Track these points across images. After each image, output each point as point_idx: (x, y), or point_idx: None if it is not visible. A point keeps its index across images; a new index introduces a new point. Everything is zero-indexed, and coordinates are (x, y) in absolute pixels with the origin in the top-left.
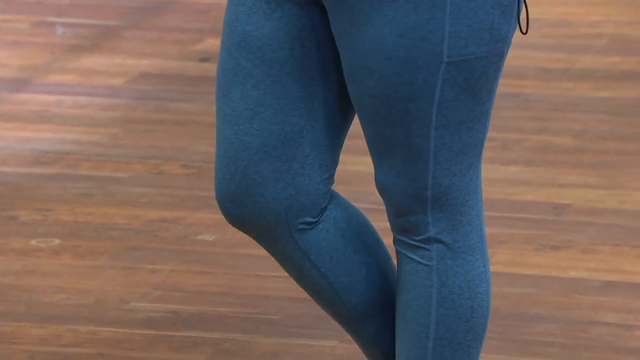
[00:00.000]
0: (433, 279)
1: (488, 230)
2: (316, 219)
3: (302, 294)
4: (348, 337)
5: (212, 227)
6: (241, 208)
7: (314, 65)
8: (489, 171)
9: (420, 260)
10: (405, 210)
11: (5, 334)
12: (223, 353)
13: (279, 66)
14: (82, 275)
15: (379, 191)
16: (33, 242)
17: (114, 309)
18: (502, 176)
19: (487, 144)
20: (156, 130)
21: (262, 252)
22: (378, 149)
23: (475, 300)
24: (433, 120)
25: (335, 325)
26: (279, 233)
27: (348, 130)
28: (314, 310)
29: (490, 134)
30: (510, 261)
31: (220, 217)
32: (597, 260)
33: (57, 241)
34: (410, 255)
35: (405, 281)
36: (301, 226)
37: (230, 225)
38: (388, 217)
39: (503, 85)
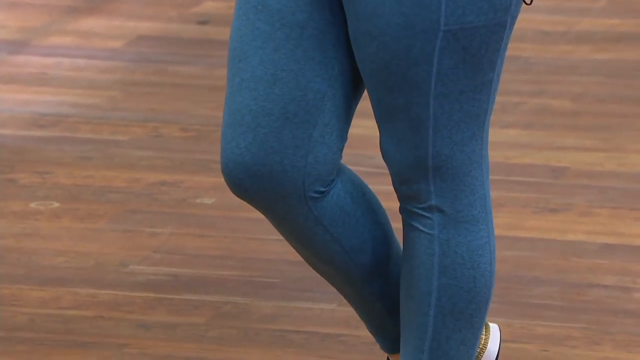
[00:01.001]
0: (435, 247)
1: None
2: (327, 187)
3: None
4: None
5: (211, 190)
6: (255, 179)
7: (333, 30)
8: None
9: (423, 228)
10: (408, 178)
11: (5, 297)
12: (222, 316)
13: (299, 29)
14: (82, 238)
15: (383, 157)
16: (32, 205)
17: (113, 271)
18: (500, 139)
19: None
20: (155, 93)
21: (261, 215)
22: (381, 116)
23: (477, 270)
24: (432, 88)
25: (334, 288)
26: (293, 201)
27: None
28: (314, 273)
29: None
30: (509, 224)
31: (219, 180)
32: (596, 223)
33: (56, 204)
34: (413, 223)
35: (409, 249)
36: (314, 194)
37: (229, 188)
38: (393, 184)
39: None
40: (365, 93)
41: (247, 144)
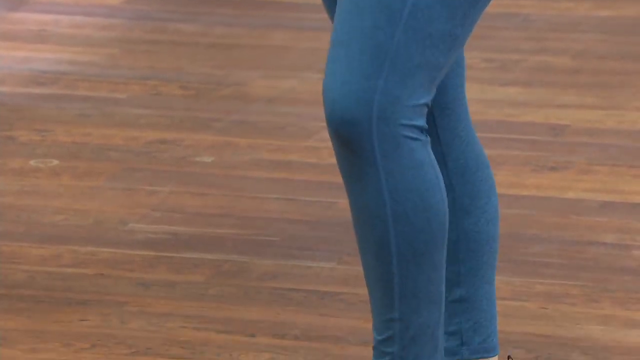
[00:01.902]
0: (385, 198)
1: (486, 152)
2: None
3: (302, 215)
4: (346, 258)
5: (210, 148)
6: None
7: None
8: (487, 92)
9: (368, 180)
10: (349, 118)
11: (4, 254)
12: (222, 274)
13: None
14: (81, 196)
15: (324, 99)
16: (32, 162)
17: (113, 229)
18: (500, 97)
19: (485, 65)
20: (154, 51)
21: (261, 173)
22: (340, 40)
23: (430, 211)
24: (403, 19)
25: (334, 246)
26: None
27: None
28: (313, 232)
29: (488, 54)
30: (508, 182)
31: (218, 138)
32: (595, 180)
33: (55, 162)
34: (355, 176)
35: (357, 203)
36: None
37: (228, 147)
38: (333, 131)
39: (502, 6)
40: None
41: None
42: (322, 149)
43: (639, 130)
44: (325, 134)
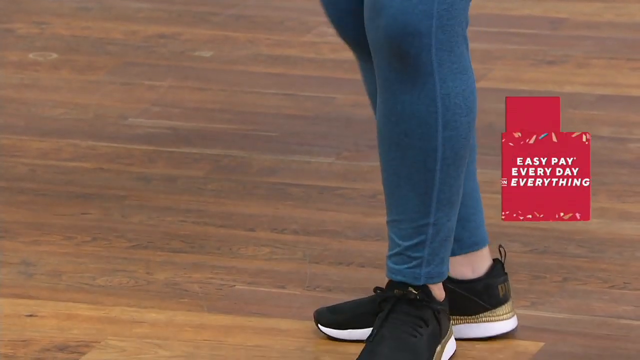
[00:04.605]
0: (437, 104)
1: (484, 46)
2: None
3: (301, 111)
4: (345, 153)
5: (209, 43)
6: None
7: None
8: None
9: (421, 89)
10: (411, 31)
11: (5, 147)
12: (221, 169)
13: None
14: (81, 90)
15: (383, 16)
16: (31, 55)
17: (112, 124)
18: None
19: None
20: None
21: (260, 68)
22: None
23: (471, 115)
24: None
25: (332, 142)
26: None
27: None
28: (312, 127)
29: None
30: (506, 77)
31: (217, 32)
32: (592, 74)
33: (54, 55)
34: (407, 86)
35: (403, 112)
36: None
37: (227, 41)
38: (385, 51)
39: None
40: None
41: None
42: (320, 44)
43: (637, 22)
44: (324, 29)
